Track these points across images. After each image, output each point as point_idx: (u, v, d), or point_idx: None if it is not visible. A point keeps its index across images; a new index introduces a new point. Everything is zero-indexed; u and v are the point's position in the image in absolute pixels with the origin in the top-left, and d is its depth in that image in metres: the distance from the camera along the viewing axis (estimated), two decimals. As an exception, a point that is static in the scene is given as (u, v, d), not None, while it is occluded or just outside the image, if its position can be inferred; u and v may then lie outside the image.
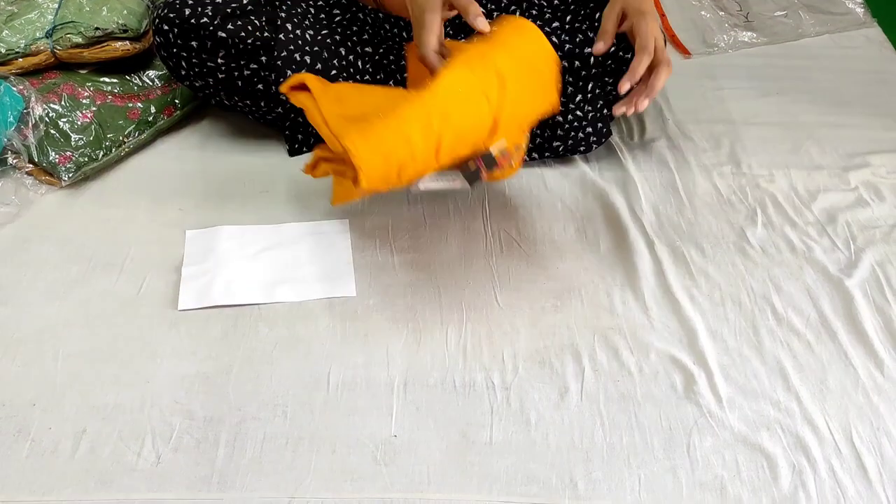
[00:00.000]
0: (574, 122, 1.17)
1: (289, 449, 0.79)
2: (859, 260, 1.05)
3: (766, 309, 0.97)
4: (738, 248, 1.07)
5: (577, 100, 1.16)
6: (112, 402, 0.83)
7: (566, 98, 1.16)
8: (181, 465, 0.77)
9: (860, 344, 0.93)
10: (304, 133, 1.21)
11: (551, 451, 0.80)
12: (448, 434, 0.81)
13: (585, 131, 1.17)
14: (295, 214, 1.09)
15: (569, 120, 1.17)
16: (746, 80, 1.46)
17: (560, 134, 1.18)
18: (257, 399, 0.84)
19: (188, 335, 0.91)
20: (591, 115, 1.17)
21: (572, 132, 1.18)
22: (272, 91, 1.13)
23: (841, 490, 0.77)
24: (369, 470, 0.78)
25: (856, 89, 1.45)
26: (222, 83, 1.12)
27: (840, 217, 1.12)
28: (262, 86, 1.13)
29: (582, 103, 1.17)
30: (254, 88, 1.13)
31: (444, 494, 0.76)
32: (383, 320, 0.94)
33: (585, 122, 1.17)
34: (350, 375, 0.87)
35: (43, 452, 0.78)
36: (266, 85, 1.13)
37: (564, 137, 1.18)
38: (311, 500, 0.74)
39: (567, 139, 1.18)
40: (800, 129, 1.32)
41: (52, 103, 1.19)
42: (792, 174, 1.21)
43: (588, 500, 0.75)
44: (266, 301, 0.95)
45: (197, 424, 0.81)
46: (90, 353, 0.89)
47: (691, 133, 1.30)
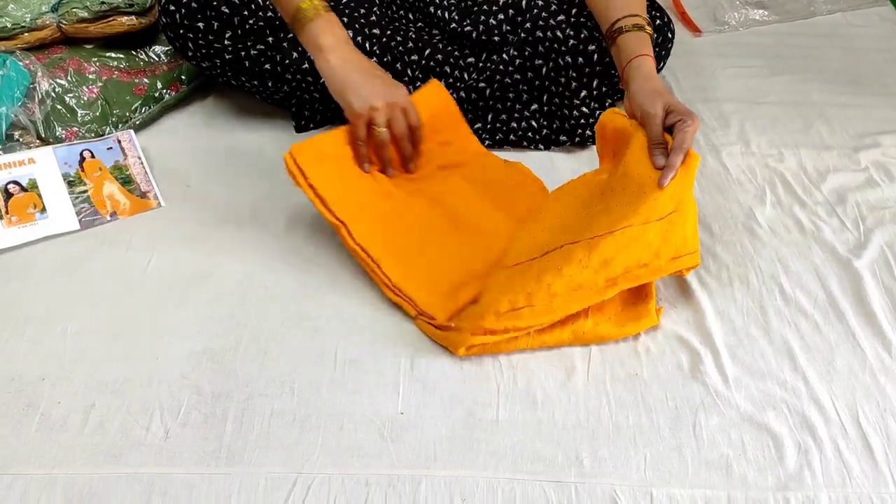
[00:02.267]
0: (581, 119, 1.17)
1: (296, 425, 0.80)
2: (868, 240, 1.04)
3: (773, 289, 0.97)
4: (746, 227, 1.06)
5: (581, 96, 1.15)
6: (121, 377, 0.84)
7: (571, 93, 1.15)
8: (189, 440, 0.78)
9: (868, 325, 0.92)
10: (310, 110, 1.20)
11: (557, 430, 0.80)
12: (454, 412, 0.81)
13: (592, 128, 1.16)
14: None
15: (574, 116, 1.16)
16: (757, 58, 1.45)
17: (567, 128, 1.18)
18: (265, 376, 0.84)
19: (195, 312, 0.91)
20: (598, 112, 1.16)
21: (578, 128, 1.17)
22: (279, 71, 1.13)
23: (846, 469, 0.77)
24: (376, 446, 0.78)
25: (868, 68, 1.43)
26: (229, 64, 1.11)
27: (850, 197, 1.12)
28: (268, 66, 1.12)
29: (588, 100, 1.16)
30: (261, 69, 1.13)
31: (450, 471, 0.76)
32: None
33: (593, 119, 1.16)
34: (357, 353, 0.87)
35: (52, 427, 0.79)
36: (273, 65, 1.12)
37: (571, 133, 1.18)
38: (319, 476, 0.75)
39: (573, 134, 1.18)
40: (810, 108, 1.31)
41: (59, 78, 1.18)
42: (801, 154, 1.21)
43: (594, 478, 0.76)
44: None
45: (205, 400, 0.82)
46: (98, 330, 0.89)
47: (700, 112, 1.29)
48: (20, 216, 1.00)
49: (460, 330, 0.86)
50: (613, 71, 1.13)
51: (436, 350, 0.88)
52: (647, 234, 0.85)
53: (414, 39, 1.20)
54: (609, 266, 0.85)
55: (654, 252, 0.87)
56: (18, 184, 1.04)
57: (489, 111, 1.20)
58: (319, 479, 0.75)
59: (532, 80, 1.17)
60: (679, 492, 0.75)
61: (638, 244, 0.85)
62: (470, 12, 1.18)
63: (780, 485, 0.76)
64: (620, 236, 0.85)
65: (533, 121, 1.20)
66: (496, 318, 0.84)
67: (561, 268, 0.84)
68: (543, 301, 0.84)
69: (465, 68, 1.19)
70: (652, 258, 0.87)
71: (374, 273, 0.93)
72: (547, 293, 0.84)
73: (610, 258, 0.85)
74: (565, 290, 0.84)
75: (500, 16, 1.18)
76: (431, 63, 1.19)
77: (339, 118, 1.22)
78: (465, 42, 1.19)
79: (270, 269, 0.97)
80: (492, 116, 1.20)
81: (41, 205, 1.02)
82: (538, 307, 0.84)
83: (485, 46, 1.19)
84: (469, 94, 1.18)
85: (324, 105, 1.20)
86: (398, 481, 0.75)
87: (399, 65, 1.18)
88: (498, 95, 1.19)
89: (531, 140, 1.20)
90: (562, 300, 0.85)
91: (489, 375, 0.85)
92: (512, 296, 0.85)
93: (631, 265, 0.86)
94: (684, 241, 0.89)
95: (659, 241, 0.86)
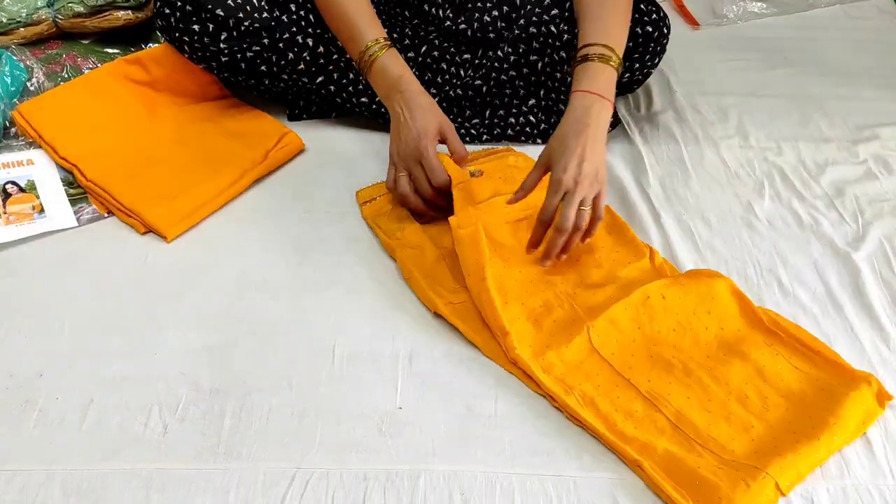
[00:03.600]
0: None
1: (294, 420, 0.79)
2: (867, 233, 1.04)
3: (772, 282, 0.97)
4: (744, 221, 1.06)
5: None
6: (119, 373, 0.83)
7: (567, 88, 1.15)
8: (188, 436, 0.78)
9: (867, 317, 0.92)
10: (305, 101, 1.21)
11: (556, 424, 0.80)
12: (453, 406, 0.81)
13: None
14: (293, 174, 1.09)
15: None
16: (755, 51, 1.45)
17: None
18: (263, 371, 0.84)
19: (193, 308, 0.91)
20: None
21: None
22: (275, 71, 1.12)
23: (845, 462, 0.77)
24: (374, 442, 0.78)
25: (866, 61, 1.43)
26: (225, 65, 1.11)
27: (848, 190, 1.12)
28: (264, 67, 1.12)
29: None
30: (257, 70, 1.12)
31: (448, 466, 0.76)
32: (389, 294, 0.94)
33: None
34: (355, 348, 0.87)
35: (50, 423, 0.79)
36: (269, 66, 1.12)
37: None
38: (317, 472, 0.75)
39: None
40: (809, 101, 1.31)
41: (55, 74, 1.18)
42: (800, 147, 1.21)
43: (593, 472, 0.76)
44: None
45: (203, 396, 0.81)
46: (96, 326, 0.89)
47: (699, 105, 1.29)
48: (18, 216, 1.00)
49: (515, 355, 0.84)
50: None
51: (434, 345, 0.88)
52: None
53: (410, 37, 1.20)
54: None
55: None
56: (17, 184, 1.04)
57: (486, 107, 1.20)
58: (318, 473, 0.75)
59: (528, 76, 1.17)
60: (677, 485, 0.75)
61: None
62: (464, 9, 1.18)
63: (779, 478, 0.76)
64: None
65: (531, 115, 1.20)
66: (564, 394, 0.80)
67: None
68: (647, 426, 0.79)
69: (461, 65, 1.19)
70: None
71: (108, 202, 1.02)
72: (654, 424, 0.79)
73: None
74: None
75: (494, 12, 1.18)
76: (428, 60, 1.19)
77: (333, 110, 1.22)
78: (461, 39, 1.19)
79: (268, 263, 0.97)
80: (489, 112, 1.20)
81: (39, 206, 1.02)
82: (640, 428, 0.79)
83: (480, 43, 1.19)
84: (466, 91, 1.18)
85: (319, 98, 1.20)
86: (397, 476, 0.75)
87: None
88: (495, 92, 1.18)
89: (529, 135, 1.20)
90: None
91: (487, 369, 0.85)
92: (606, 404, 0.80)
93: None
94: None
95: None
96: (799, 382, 0.83)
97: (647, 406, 0.80)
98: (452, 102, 1.19)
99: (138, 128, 1.12)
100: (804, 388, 0.82)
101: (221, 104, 1.19)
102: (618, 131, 1.22)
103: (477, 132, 1.19)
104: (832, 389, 0.81)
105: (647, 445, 0.76)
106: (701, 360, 0.85)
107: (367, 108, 1.17)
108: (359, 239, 1.01)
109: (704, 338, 0.87)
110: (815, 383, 0.82)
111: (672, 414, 0.79)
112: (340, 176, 1.11)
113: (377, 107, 1.16)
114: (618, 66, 0.97)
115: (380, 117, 1.17)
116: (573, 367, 0.83)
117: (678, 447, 0.76)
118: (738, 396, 0.81)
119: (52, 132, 1.08)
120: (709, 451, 0.76)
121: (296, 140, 1.14)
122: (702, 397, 0.81)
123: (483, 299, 0.87)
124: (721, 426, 0.78)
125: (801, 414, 0.79)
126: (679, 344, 0.86)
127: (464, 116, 1.20)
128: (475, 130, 1.19)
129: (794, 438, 0.76)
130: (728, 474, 0.73)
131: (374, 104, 1.16)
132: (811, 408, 0.79)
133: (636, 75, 1.15)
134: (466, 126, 1.20)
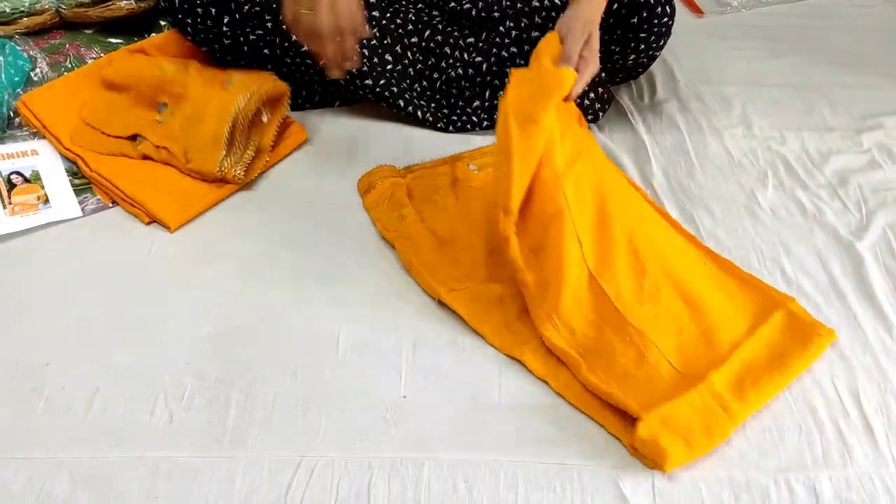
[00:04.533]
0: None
1: (299, 410, 0.80)
2: (870, 223, 1.04)
3: (775, 272, 0.97)
4: (748, 210, 1.06)
5: None
6: (124, 362, 0.84)
7: None
8: (193, 425, 0.78)
9: (870, 307, 0.92)
10: (308, 90, 1.20)
11: (560, 413, 0.80)
12: (457, 396, 0.82)
13: (589, 97, 1.16)
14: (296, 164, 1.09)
15: None
16: (759, 40, 1.45)
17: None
18: (267, 361, 0.85)
19: (198, 297, 0.91)
20: (596, 80, 1.15)
21: (577, 100, 1.16)
22: (278, 54, 1.12)
23: (847, 451, 0.78)
24: (379, 431, 0.78)
25: (871, 49, 1.43)
26: (228, 49, 1.11)
27: (852, 179, 1.12)
28: (267, 50, 1.12)
29: None
30: (260, 53, 1.12)
31: (453, 455, 0.76)
32: (393, 284, 0.94)
33: (588, 89, 1.15)
34: (359, 338, 0.87)
35: (57, 411, 0.79)
36: (272, 48, 1.12)
37: None
38: (322, 460, 0.75)
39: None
40: (813, 90, 1.31)
41: (59, 63, 1.18)
42: (804, 136, 1.20)
43: (598, 460, 0.76)
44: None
45: (208, 385, 0.82)
46: (101, 314, 0.89)
47: (702, 94, 1.29)
48: (22, 206, 1.00)
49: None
50: (612, 36, 1.11)
51: (438, 334, 0.88)
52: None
53: (413, 21, 1.20)
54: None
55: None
56: (21, 175, 1.04)
57: (486, 87, 1.19)
58: (323, 462, 0.75)
59: (529, 53, 1.17)
60: (680, 474, 0.75)
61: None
62: (458, 13, 1.18)
63: (782, 466, 0.76)
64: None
65: None
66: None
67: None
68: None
69: (465, 48, 1.19)
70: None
71: (112, 192, 1.03)
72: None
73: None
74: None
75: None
76: (431, 44, 1.19)
77: (336, 98, 1.22)
78: (465, 21, 1.19)
79: (271, 254, 0.97)
80: (489, 94, 1.20)
81: (44, 196, 1.02)
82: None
83: (485, 25, 1.18)
84: (466, 71, 1.18)
85: (322, 87, 1.20)
86: (401, 465, 0.75)
87: (399, 47, 1.17)
88: (495, 70, 1.18)
89: None
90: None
91: (491, 358, 0.86)
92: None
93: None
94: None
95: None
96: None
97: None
98: (452, 84, 1.19)
99: None
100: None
101: None
102: (621, 120, 1.21)
103: (478, 118, 1.19)
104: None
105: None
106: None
107: (372, 90, 1.16)
108: (362, 229, 1.01)
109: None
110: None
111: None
112: (343, 166, 1.11)
113: (381, 89, 1.15)
114: None
115: (385, 101, 1.16)
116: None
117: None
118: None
119: (57, 123, 1.08)
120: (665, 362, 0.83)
121: (299, 130, 1.14)
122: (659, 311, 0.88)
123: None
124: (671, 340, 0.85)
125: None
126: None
127: (464, 99, 1.20)
128: (476, 117, 1.19)
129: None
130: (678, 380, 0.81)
131: (377, 87, 1.15)
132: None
133: (641, 58, 1.15)
134: (468, 112, 1.19)
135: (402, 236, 0.97)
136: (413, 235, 0.97)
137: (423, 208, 1.03)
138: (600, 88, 1.17)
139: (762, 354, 0.84)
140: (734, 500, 0.73)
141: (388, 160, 1.10)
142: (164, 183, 1.03)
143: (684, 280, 0.90)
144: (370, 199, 1.04)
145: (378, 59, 1.15)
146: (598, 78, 1.17)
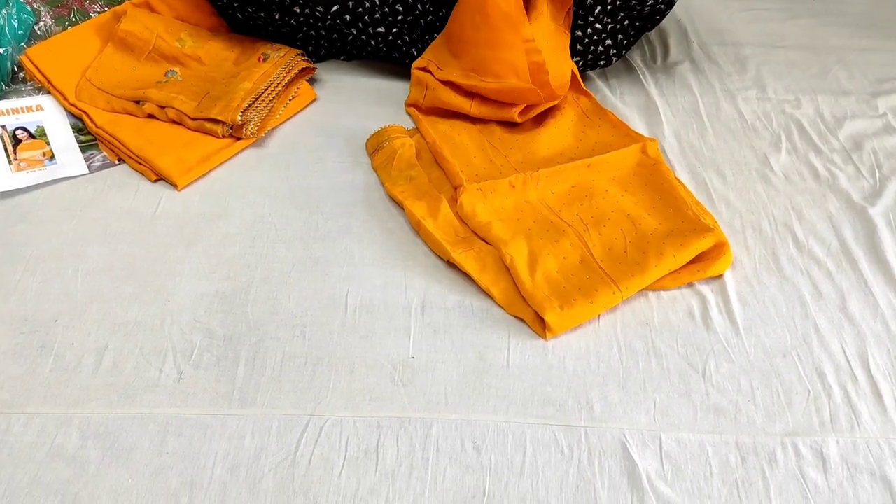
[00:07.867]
0: (594, 36, 1.14)
1: (308, 368, 0.80)
2: (884, 188, 1.03)
3: (787, 236, 0.96)
4: (760, 174, 1.05)
5: (595, 12, 1.12)
6: (133, 319, 0.84)
7: (585, 11, 1.12)
8: (202, 382, 0.78)
9: (881, 273, 0.92)
10: (315, 45, 1.19)
11: (568, 375, 0.81)
12: (465, 356, 0.82)
13: (605, 44, 1.14)
14: (305, 123, 1.08)
15: (588, 33, 1.14)
16: (775, 0, 1.42)
17: (580, 49, 1.15)
18: (276, 319, 0.85)
19: (206, 255, 0.91)
20: (611, 28, 1.13)
21: (592, 46, 1.15)
22: (286, 3, 1.10)
23: (855, 415, 0.78)
24: (387, 390, 0.78)
25: (889, 12, 1.40)
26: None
27: (866, 144, 1.10)
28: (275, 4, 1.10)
29: (601, 15, 1.13)
30: (269, 1, 1.10)
31: (460, 415, 0.77)
32: (402, 244, 0.94)
33: (605, 34, 1.14)
34: (368, 297, 0.87)
35: (66, 367, 0.79)
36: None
37: (584, 52, 1.15)
38: (331, 419, 0.76)
39: (587, 53, 1.15)
40: (828, 52, 1.29)
41: (63, 17, 1.16)
42: (819, 99, 1.19)
43: (603, 422, 0.76)
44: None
45: (217, 342, 0.82)
46: (109, 271, 0.89)
47: (716, 56, 1.27)
48: (28, 162, 1.00)
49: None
50: None
51: (447, 295, 0.88)
52: None
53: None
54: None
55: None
56: (27, 130, 1.03)
57: None
58: (332, 421, 0.75)
59: None
60: (688, 436, 0.76)
61: None
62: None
63: (789, 430, 0.76)
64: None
65: None
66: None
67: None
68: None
69: None
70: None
71: (118, 149, 1.02)
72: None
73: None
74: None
75: None
76: None
77: (344, 51, 1.20)
78: None
79: (280, 212, 0.97)
80: None
81: (50, 152, 1.01)
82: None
83: None
84: (437, 10, 1.15)
85: (329, 42, 1.18)
86: (409, 424, 0.75)
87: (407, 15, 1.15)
88: None
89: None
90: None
91: (499, 319, 0.85)
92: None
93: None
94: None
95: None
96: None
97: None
98: (426, 31, 1.17)
99: None
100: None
101: None
102: (632, 82, 1.20)
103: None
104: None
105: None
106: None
107: (384, 39, 1.14)
108: (370, 188, 1.01)
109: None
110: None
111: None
112: (352, 125, 1.09)
113: (394, 38, 1.13)
114: None
115: (396, 51, 1.14)
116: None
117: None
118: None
119: (62, 78, 1.06)
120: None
121: (307, 90, 1.13)
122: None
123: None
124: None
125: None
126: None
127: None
128: None
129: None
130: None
131: (390, 35, 1.13)
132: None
133: (659, 3, 1.13)
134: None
135: (410, 196, 0.97)
136: (422, 196, 0.97)
137: (432, 169, 1.02)
138: (619, 35, 1.15)
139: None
140: (741, 463, 0.74)
141: (397, 120, 1.08)
142: (172, 141, 1.02)
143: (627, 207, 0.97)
144: (378, 159, 1.03)
145: (389, 9, 1.13)
146: (619, 24, 1.15)
